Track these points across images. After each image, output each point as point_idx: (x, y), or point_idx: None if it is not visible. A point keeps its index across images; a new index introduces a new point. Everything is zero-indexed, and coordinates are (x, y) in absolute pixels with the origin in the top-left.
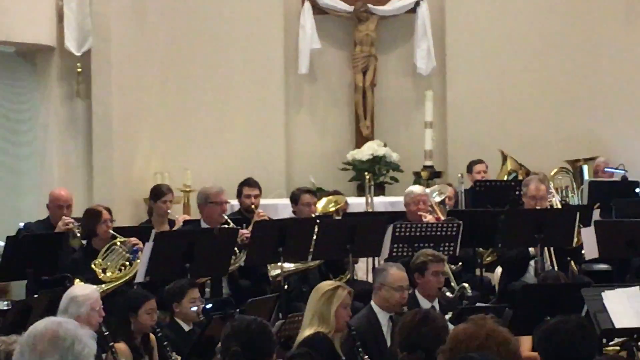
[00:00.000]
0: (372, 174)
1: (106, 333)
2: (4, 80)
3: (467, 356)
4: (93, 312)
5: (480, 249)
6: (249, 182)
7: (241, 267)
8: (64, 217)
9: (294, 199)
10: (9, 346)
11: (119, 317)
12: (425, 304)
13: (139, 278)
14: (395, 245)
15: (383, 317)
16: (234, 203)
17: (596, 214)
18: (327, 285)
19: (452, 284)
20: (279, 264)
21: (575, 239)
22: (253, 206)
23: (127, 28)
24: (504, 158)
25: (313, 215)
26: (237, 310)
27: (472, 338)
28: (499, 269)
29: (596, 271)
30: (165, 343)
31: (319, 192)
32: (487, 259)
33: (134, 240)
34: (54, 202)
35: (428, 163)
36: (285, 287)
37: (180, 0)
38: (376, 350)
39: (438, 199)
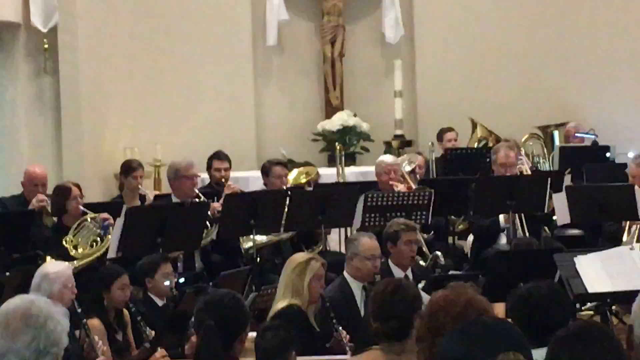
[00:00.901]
0: (343, 145)
1: (79, 310)
2: None
3: (479, 320)
4: (65, 289)
5: (452, 217)
6: (218, 155)
7: (213, 240)
8: (38, 194)
9: (265, 171)
10: None
11: (91, 293)
12: (398, 273)
13: (111, 254)
14: (367, 215)
15: (356, 287)
16: (205, 176)
17: (567, 180)
18: (300, 257)
19: (425, 252)
20: (251, 236)
21: (547, 205)
22: (223, 179)
23: (93, 3)
24: (474, 125)
25: (284, 187)
26: (210, 284)
27: (451, 305)
28: (471, 237)
29: (568, 236)
30: (139, 318)
31: (289, 164)
32: (459, 227)
33: (104, 215)
34: (29, 180)
35: (398, 132)
36: (258, 259)
37: None
38: (350, 320)
39: (408, 168)
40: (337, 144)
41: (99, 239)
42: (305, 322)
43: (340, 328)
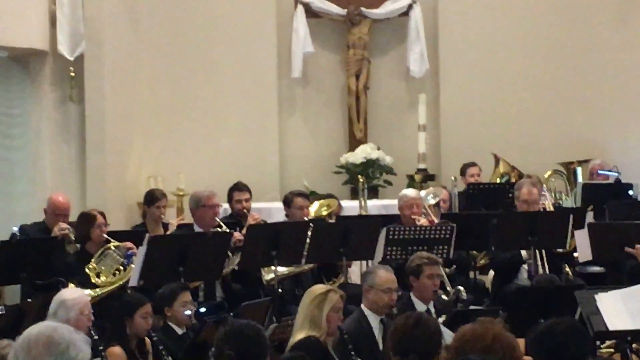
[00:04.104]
0: (366, 177)
1: (95, 338)
2: None
3: (467, 358)
4: (82, 316)
5: (474, 252)
6: (238, 187)
7: (234, 270)
8: (60, 223)
9: (287, 202)
10: (2, 350)
11: (114, 321)
12: (420, 306)
13: (133, 282)
14: (389, 249)
15: (374, 320)
16: (227, 207)
17: (590, 217)
18: (318, 289)
19: (447, 287)
20: (273, 267)
21: (569, 242)
22: (245, 210)
23: (120, 32)
24: (497, 161)
25: (306, 219)
26: (231, 314)
27: (478, 339)
28: (492, 272)
29: (590, 273)
30: (160, 347)
31: (312, 196)
32: (481, 262)
33: (128, 244)
34: (52, 209)
35: (421, 166)
36: (279, 290)
37: (173, 4)
38: (368, 353)
39: (433, 201)
40: (360, 176)
41: (122, 267)
42: (324, 354)
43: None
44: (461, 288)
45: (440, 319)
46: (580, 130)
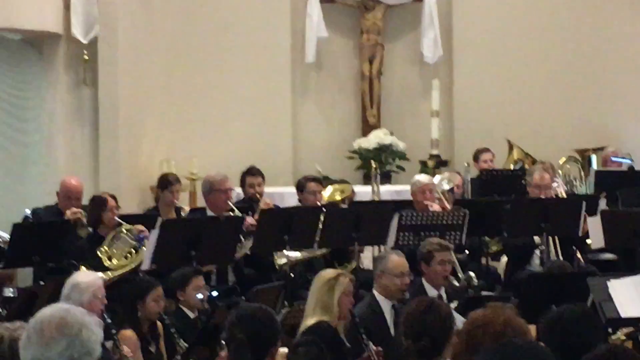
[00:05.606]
0: (379, 163)
1: (109, 321)
2: (11, 67)
3: (510, 342)
4: (95, 299)
5: (486, 238)
6: (251, 171)
7: (247, 255)
8: (72, 207)
9: (300, 187)
10: (13, 333)
11: (126, 304)
12: (432, 292)
13: (145, 266)
14: (401, 234)
15: (386, 305)
16: (240, 191)
17: (602, 203)
18: (329, 273)
19: (459, 273)
20: (285, 252)
21: (581, 229)
22: (258, 195)
23: (133, 15)
24: (510, 147)
25: (319, 204)
26: (243, 298)
27: (489, 324)
28: (504, 258)
29: (602, 261)
30: (172, 330)
31: (325, 181)
32: (493, 248)
33: (140, 227)
34: (64, 192)
35: (434, 152)
36: (291, 275)
37: None
38: (380, 338)
39: (447, 187)
40: (372, 162)
41: (133, 250)
42: (336, 338)
43: (371, 343)
44: (472, 274)
45: (452, 305)
46: (595, 117)
